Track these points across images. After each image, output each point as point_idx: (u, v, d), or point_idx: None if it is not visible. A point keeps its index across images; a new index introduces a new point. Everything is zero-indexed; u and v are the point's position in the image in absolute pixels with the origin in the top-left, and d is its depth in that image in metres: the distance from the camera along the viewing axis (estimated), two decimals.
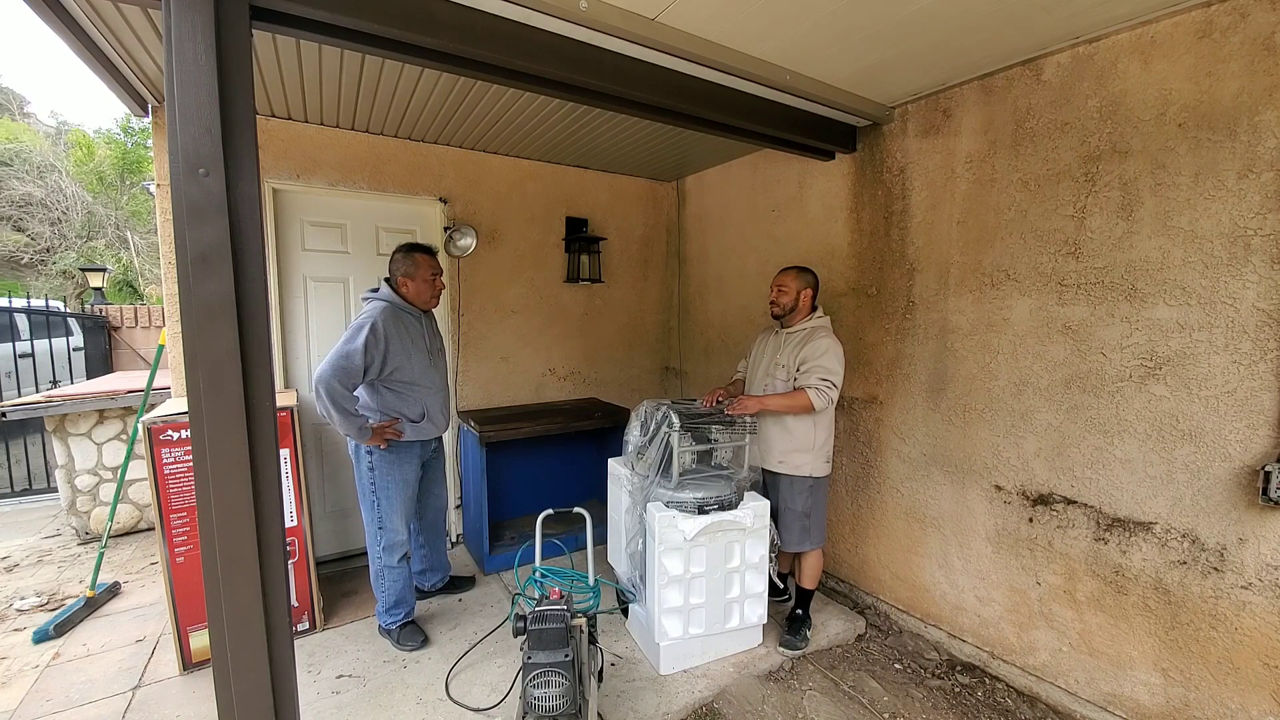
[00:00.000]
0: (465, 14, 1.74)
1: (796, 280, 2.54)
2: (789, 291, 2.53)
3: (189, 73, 1.26)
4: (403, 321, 2.45)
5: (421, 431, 2.54)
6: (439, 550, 2.90)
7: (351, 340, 2.29)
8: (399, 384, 2.46)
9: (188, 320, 1.29)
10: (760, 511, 2.41)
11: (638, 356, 4.40)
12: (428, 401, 2.54)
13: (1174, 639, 1.92)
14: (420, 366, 2.50)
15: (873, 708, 2.24)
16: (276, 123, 2.98)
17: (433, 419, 2.57)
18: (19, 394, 5.08)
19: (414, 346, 2.48)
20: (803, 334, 2.51)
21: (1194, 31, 1.79)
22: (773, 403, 2.42)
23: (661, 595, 2.32)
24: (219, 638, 1.37)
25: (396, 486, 2.50)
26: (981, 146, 2.36)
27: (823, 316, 2.57)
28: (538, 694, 1.65)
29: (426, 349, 2.55)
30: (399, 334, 2.40)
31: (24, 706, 2.21)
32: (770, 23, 1.91)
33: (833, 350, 2.43)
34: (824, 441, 2.53)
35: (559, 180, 3.87)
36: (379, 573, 2.54)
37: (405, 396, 2.48)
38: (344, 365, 2.26)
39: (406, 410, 2.49)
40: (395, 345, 2.38)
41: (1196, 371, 1.82)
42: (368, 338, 2.28)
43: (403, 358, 2.42)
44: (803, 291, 2.53)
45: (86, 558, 3.60)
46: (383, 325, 2.34)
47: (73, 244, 11.50)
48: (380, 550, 2.51)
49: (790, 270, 2.57)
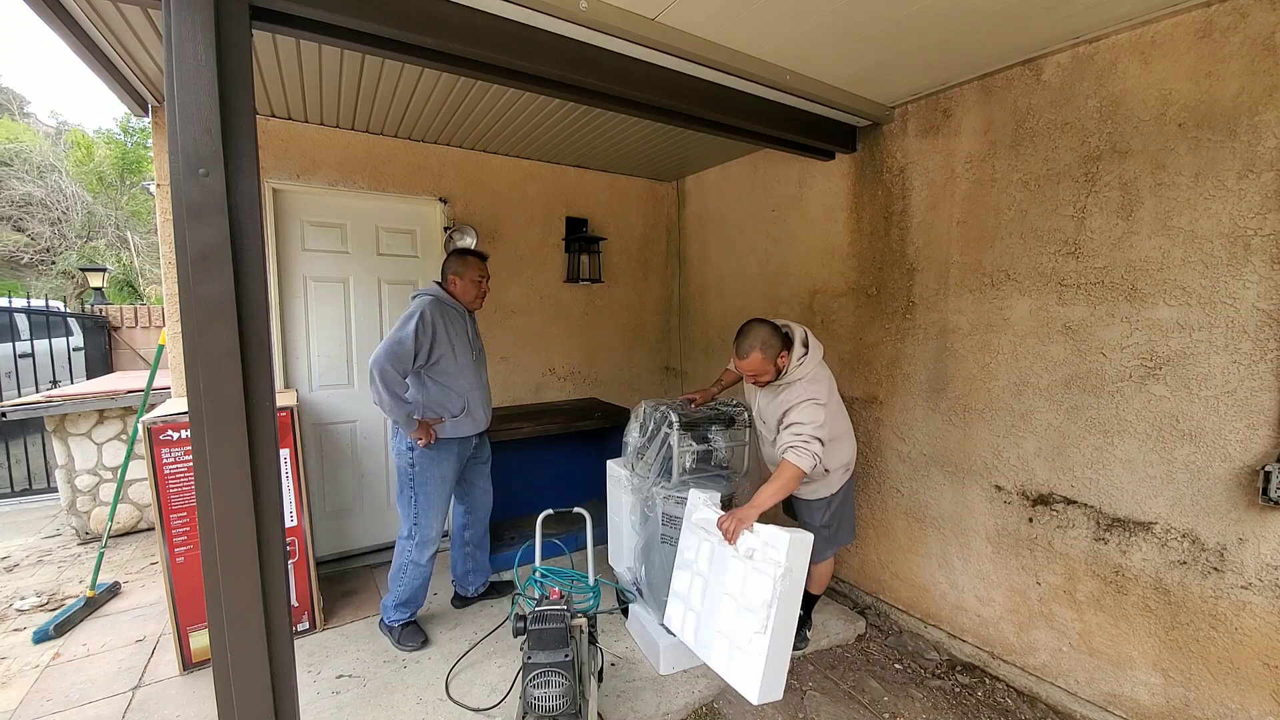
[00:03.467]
0: (465, 14, 1.74)
1: (763, 358, 2.17)
2: (768, 372, 2.21)
3: (189, 73, 1.26)
4: (449, 315, 2.53)
5: (460, 427, 2.57)
6: (485, 552, 2.92)
7: (403, 327, 2.38)
8: (443, 375, 2.52)
9: (188, 320, 1.29)
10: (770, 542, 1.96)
11: (638, 356, 4.40)
12: (469, 397, 2.59)
13: (1174, 639, 1.92)
14: (464, 361, 2.56)
15: (873, 708, 2.24)
16: (276, 123, 2.98)
17: (473, 414, 2.61)
18: (19, 394, 5.08)
19: (458, 340, 2.54)
20: (774, 388, 2.29)
21: (1194, 31, 1.79)
22: (767, 499, 2.07)
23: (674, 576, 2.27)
24: (219, 638, 1.37)
25: (435, 483, 2.53)
26: (981, 146, 2.36)
27: (800, 360, 2.22)
28: (538, 694, 1.65)
29: (470, 345, 2.62)
30: (445, 325, 2.48)
31: (24, 706, 2.21)
32: (770, 22, 1.91)
33: (808, 399, 2.16)
34: (836, 466, 2.37)
35: (559, 180, 3.87)
36: (403, 566, 2.56)
37: (448, 390, 2.53)
38: (397, 351, 2.34)
39: (449, 404, 2.54)
40: (441, 335, 2.46)
41: (1196, 371, 1.82)
42: (417, 324, 2.38)
43: (447, 348, 2.49)
44: (779, 358, 2.20)
45: (86, 558, 3.60)
46: (430, 314, 2.43)
47: (73, 244, 11.51)
48: (412, 545, 2.54)
49: (753, 354, 2.16)
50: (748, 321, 2.25)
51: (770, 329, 2.20)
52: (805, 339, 2.28)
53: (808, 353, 2.25)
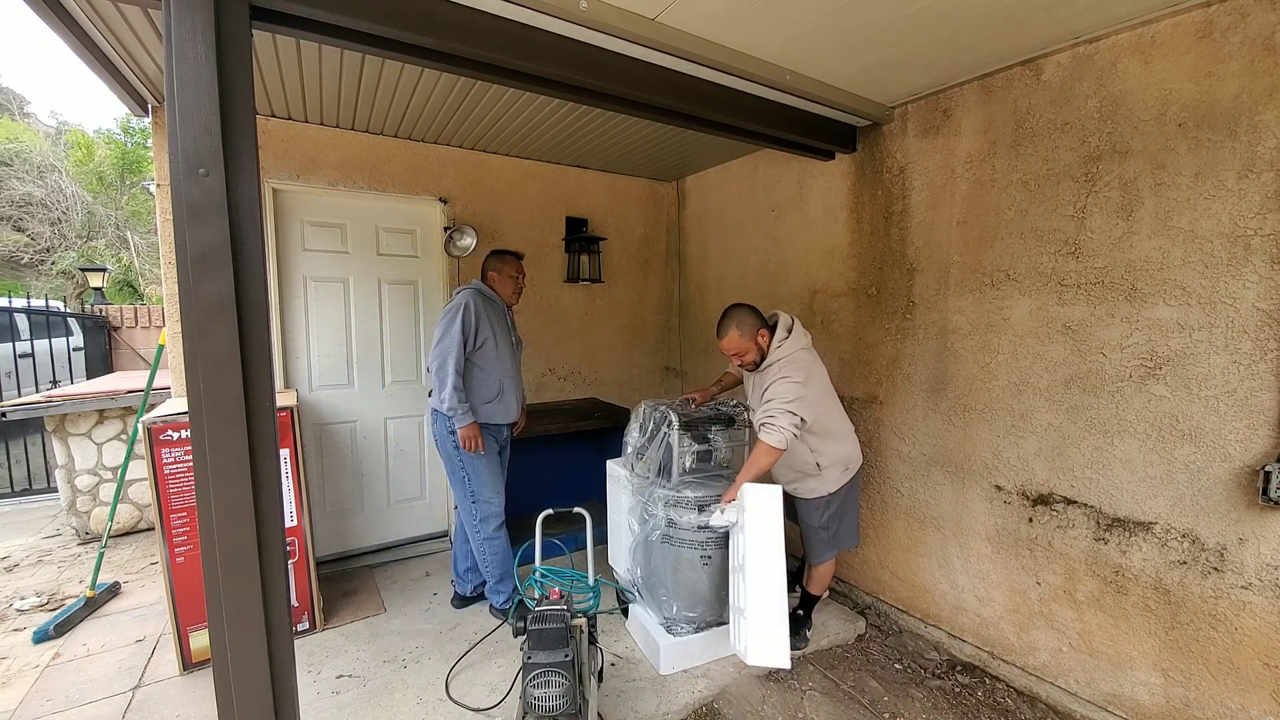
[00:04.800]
0: (465, 14, 1.74)
1: (740, 336, 2.24)
2: (749, 350, 2.27)
3: (189, 73, 1.26)
4: (491, 306, 2.68)
5: (494, 413, 2.67)
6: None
7: (451, 322, 2.53)
8: (484, 360, 2.63)
9: (188, 320, 1.29)
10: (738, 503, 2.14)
11: (638, 356, 4.40)
12: (505, 384, 2.70)
13: (1174, 639, 1.92)
14: (504, 349, 2.69)
15: (873, 708, 2.24)
16: (276, 123, 2.98)
17: (505, 401, 2.71)
18: (19, 394, 5.08)
19: (499, 329, 2.68)
20: (760, 374, 2.34)
21: (1194, 31, 1.79)
22: (743, 477, 2.17)
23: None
24: (219, 638, 1.37)
25: (482, 460, 2.64)
26: (981, 146, 2.36)
27: (781, 343, 2.28)
28: (538, 694, 1.65)
29: (510, 335, 2.76)
30: (488, 314, 2.64)
31: (24, 706, 2.21)
32: (770, 23, 1.91)
33: (781, 377, 2.20)
34: (830, 464, 2.36)
35: (559, 180, 3.87)
36: (479, 549, 2.68)
37: (487, 374, 2.65)
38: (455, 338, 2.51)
39: (485, 389, 2.65)
40: (484, 321, 2.61)
41: (1196, 371, 1.82)
42: (464, 314, 2.54)
43: (489, 334, 2.63)
44: (758, 335, 2.26)
45: (86, 558, 3.60)
46: (474, 303, 2.58)
47: (73, 244, 11.51)
48: (477, 523, 2.65)
49: (729, 331, 2.25)
50: (726, 307, 2.35)
51: (747, 309, 2.31)
52: (790, 325, 2.33)
53: (789, 336, 2.31)
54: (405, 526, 3.59)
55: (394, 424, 3.50)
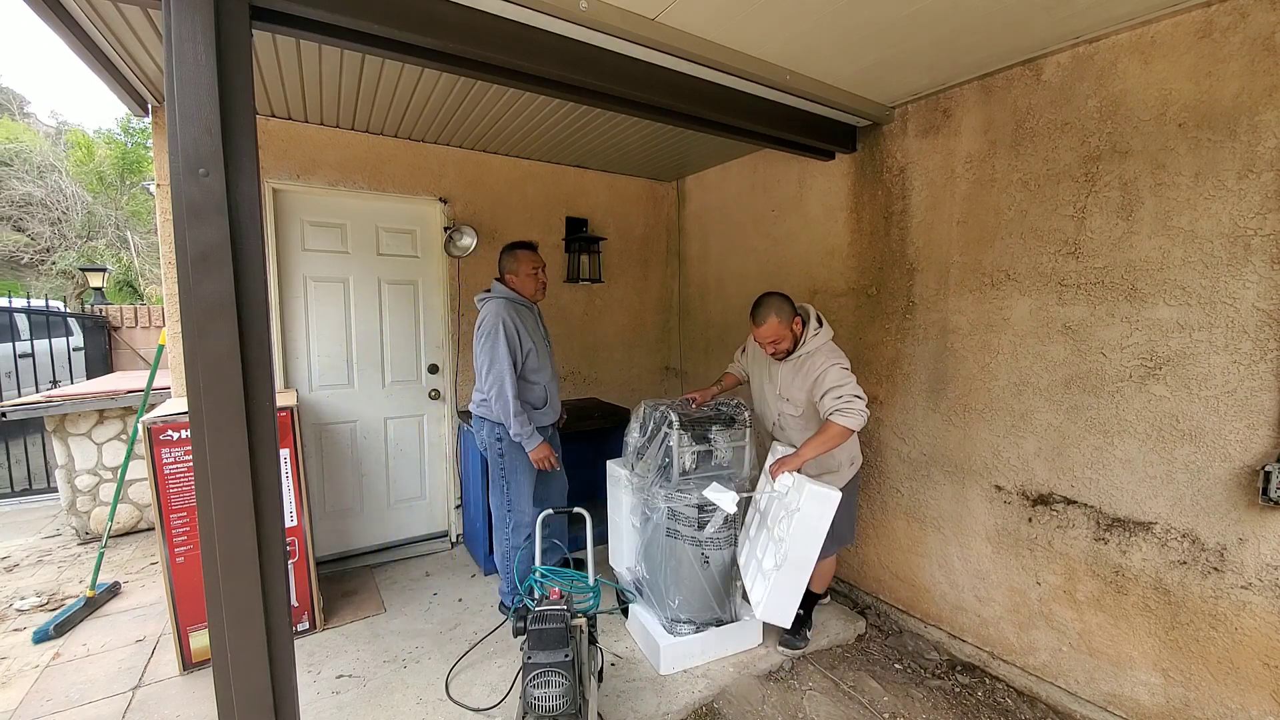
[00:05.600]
0: (465, 14, 1.74)
1: (779, 322, 2.29)
2: (785, 338, 2.32)
3: (189, 73, 1.26)
4: (522, 314, 2.60)
5: (542, 418, 2.66)
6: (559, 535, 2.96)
7: (495, 346, 2.46)
8: (530, 372, 2.59)
9: (188, 320, 1.29)
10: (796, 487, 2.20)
11: (638, 356, 4.40)
12: (549, 388, 2.69)
13: (1174, 639, 1.92)
14: (544, 355, 2.66)
15: (873, 708, 2.24)
16: (276, 123, 2.98)
17: (552, 404, 2.72)
18: (19, 394, 5.08)
19: (536, 336, 2.63)
20: (796, 361, 2.36)
21: (1194, 31, 1.79)
22: (810, 452, 2.20)
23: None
24: (219, 638, 1.37)
25: (524, 471, 2.62)
26: (981, 146, 2.36)
27: (815, 333, 2.34)
28: (538, 694, 1.65)
29: (545, 340, 2.72)
30: (522, 323, 2.56)
31: (24, 706, 2.21)
32: (770, 23, 1.91)
33: (833, 363, 2.26)
34: (846, 459, 2.44)
35: (559, 180, 3.87)
36: (507, 554, 2.67)
37: (533, 385, 2.62)
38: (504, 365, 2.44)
39: (533, 398, 2.63)
40: (524, 335, 2.55)
41: (1196, 371, 1.82)
42: (506, 336, 2.46)
43: (531, 346, 2.57)
44: (793, 324, 2.32)
45: (86, 558, 3.60)
46: (509, 319, 2.50)
47: (73, 244, 11.51)
48: (509, 531, 2.65)
49: (769, 319, 2.29)
50: (759, 296, 2.36)
51: (781, 298, 2.33)
52: (819, 316, 2.40)
53: (822, 326, 2.37)
54: (405, 526, 3.59)
55: (394, 424, 3.50)
